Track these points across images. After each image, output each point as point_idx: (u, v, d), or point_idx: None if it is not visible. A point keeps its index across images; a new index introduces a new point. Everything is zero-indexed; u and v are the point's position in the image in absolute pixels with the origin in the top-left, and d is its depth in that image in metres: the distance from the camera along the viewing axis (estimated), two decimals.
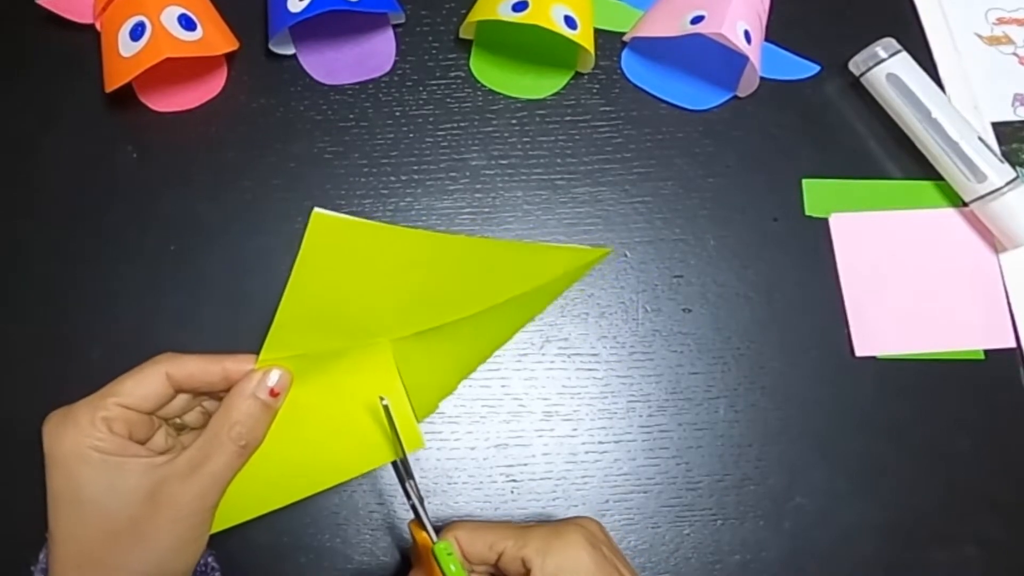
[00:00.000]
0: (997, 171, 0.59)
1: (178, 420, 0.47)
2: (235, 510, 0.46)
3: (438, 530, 0.46)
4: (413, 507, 0.47)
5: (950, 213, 0.63)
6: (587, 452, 0.57)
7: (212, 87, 0.63)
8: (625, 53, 0.65)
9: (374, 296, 0.46)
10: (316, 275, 0.41)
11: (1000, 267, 0.62)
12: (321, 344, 0.45)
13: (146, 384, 0.43)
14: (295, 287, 0.41)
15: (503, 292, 0.50)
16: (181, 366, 0.43)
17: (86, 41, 0.62)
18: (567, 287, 0.57)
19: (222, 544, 0.53)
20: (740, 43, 0.58)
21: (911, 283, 0.61)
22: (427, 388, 0.52)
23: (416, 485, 0.48)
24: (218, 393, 0.45)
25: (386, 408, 0.45)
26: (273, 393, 0.43)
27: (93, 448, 0.40)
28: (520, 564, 0.45)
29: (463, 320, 0.50)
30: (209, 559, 0.49)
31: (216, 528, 0.45)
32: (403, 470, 0.48)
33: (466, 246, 0.48)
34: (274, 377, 0.43)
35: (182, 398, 0.45)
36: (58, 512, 0.41)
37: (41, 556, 0.44)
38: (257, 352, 0.43)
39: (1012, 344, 0.60)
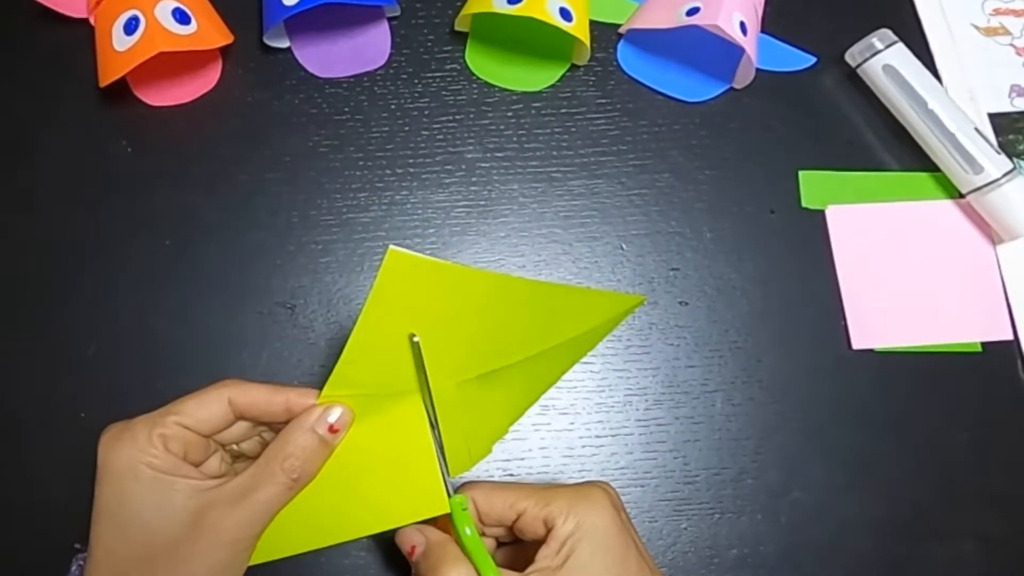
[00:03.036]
0: (994, 162, 0.59)
1: (235, 447, 0.47)
2: (277, 545, 0.46)
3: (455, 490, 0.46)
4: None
5: (947, 205, 0.63)
6: (584, 446, 0.57)
7: (207, 81, 0.62)
8: (621, 45, 0.65)
9: (440, 336, 0.45)
10: (387, 313, 0.41)
11: (997, 259, 0.62)
12: (386, 385, 0.45)
13: (207, 406, 0.43)
14: (365, 324, 0.41)
15: (556, 335, 0.50)
16: (244, 393, 0.43)
17: (80, 36, 0.62)
18: (605, 335, 0.56)
19: None
20: (736, 35, 0.57)
21: (908, 275, 0.61)
22: (483, 430, 0.52)
23: (440, 437, 0.46)
24: (278, 424, 0.44)
25: (416, 345, 0.43)
26: (332, 430, 0.43)
27: (146, 464, 0.41)
28: (541, 524, 0.45)
29: (517, 364, 0.49)
30: None
31: (254, 561, 0.44)
32: (431, 418, 0.46)
33: (525, 288, 0.47)
34: (335, 414, 0.43)
35: (241, 425, 0.45)
36: (101, 525, 0.41)
37: (73, 568, 0.44)
38: (321, 386, 0.43)
39: (1009, 336, 0.60)
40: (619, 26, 0.65)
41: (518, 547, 0.48)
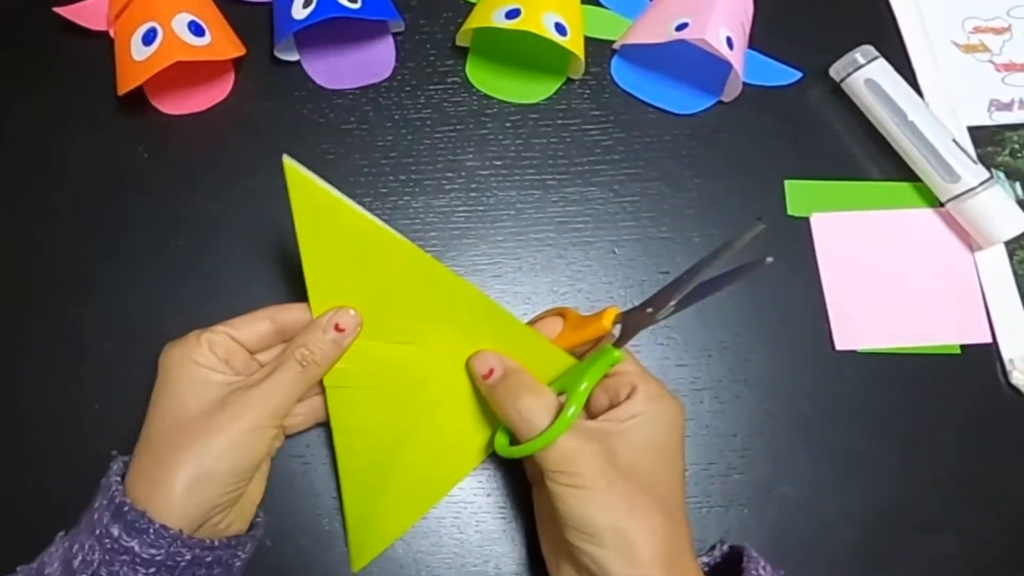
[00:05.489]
0: (971, 171, 0.61)
1: None
2: (380, 536, 0.55)
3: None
4: (650, 315, 0.49)
5: (927, 213, 0.65)
6: None
7: (220, 91, 0.65)
8: (615, 60, 0.67)
9: (371, 286, 0.50)
10: (314, 233, 0.50)
11: (975, 265, 0.64)
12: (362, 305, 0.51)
13: (253, 323, 0.51)
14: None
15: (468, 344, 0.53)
16: (284, 311, 0.52)
17: (100, 48, 0.65)
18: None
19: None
20: (722, 48, 0.60)
21: (890, 280, 0.63)
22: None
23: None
24: None
25: None
26: (338, 328, 0.50)
27: (192, 359, 0.48)
28: (629, 390, 0.49)
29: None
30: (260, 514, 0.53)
31: (367, 559, 0.55)
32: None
33: (439, 276, 0.51)
34: (341, 315, 0.50)
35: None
36: (152, 411, 0.48)
37: (115, 465, 0.48)
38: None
39: (987, 339, 0.62)
40: (613, 42, 0.67)
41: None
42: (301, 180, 0.49)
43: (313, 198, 0.49)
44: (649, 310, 0.48)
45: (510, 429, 0.49)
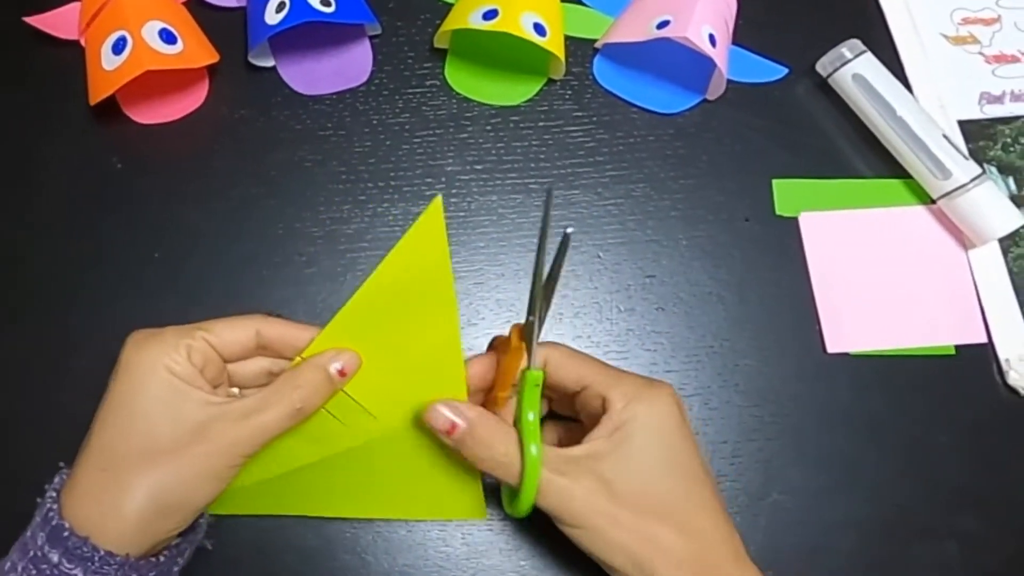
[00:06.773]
0: (962, 168, 0.60)
1: (236, 391, 0.50)
2: (265, 500, 0.53)
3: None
4: (532, 323, 0.45)
5: (919, 210, 0.64)
6: None
7: (194, 99, 0.64)
8: (597, 59, 0.66)
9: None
10: (403, 270, 0.46)
11: (969, 263, 0.62)
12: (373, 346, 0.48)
13: (235, 331, 0.46)
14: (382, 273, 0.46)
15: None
16: (273, 325, 0.47)
17: (71, 57, 0.64)
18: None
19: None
20: (705, 46, 0.59)
21: (882, 280, 0.62)
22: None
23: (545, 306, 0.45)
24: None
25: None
26: (341, 373, 0.46)
27: (167, 367, 0.43)
28: (600, 402, 0.46)
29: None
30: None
31: (238, 510, 0.52)
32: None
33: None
34: (347, 358, 0.46)
35: (257, 367, 0.49)
36: (106, 419, 0.44)
37: (56, 479, 0.45)
38: None
39: (983, 339, 0.61)
40: (595, 41, 0.66)
41: (567, 427, 0.51)
42: (435, 222, 0.45)
43: (430, 245, 0.45)
44: (531, 318, 0.45)
45: (496, 478, 0.47)
